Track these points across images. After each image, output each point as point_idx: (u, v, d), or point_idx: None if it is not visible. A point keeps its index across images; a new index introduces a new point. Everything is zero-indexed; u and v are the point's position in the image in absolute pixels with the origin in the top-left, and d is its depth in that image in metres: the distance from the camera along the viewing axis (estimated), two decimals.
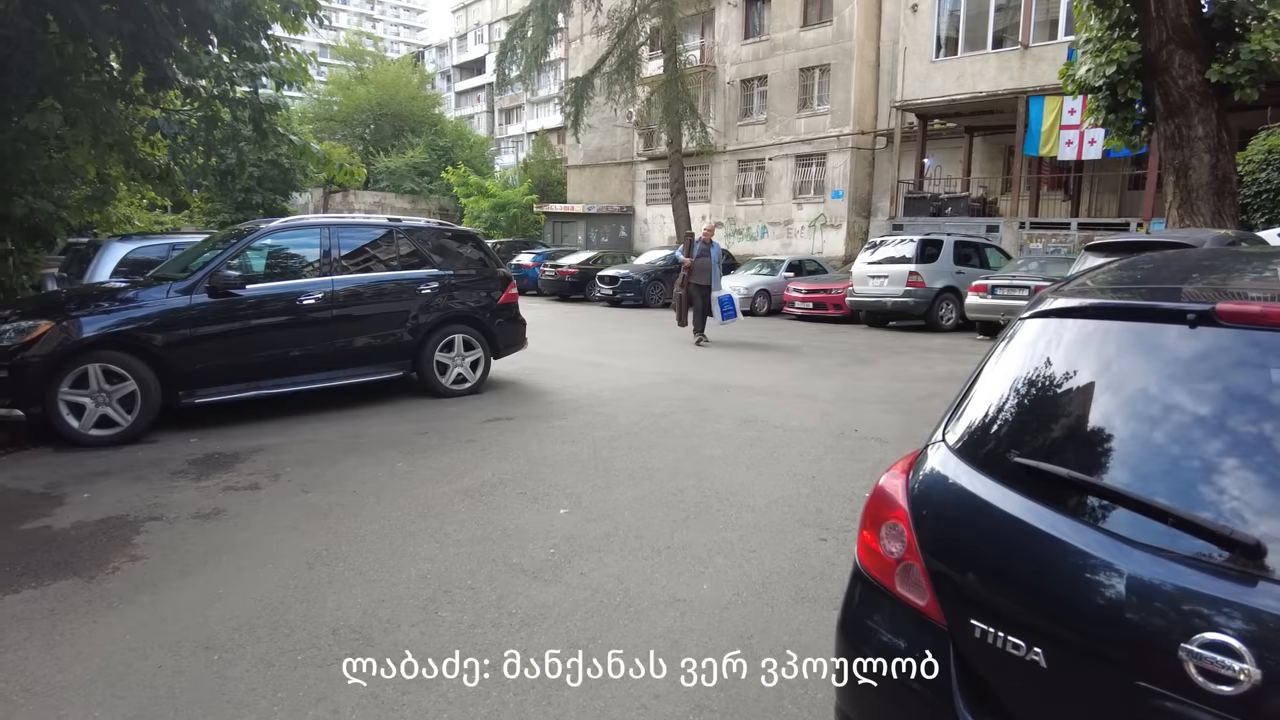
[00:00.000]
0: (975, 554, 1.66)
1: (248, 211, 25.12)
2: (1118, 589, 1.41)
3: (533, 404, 7.53)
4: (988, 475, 1.71)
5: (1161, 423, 1.59)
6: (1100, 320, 1.81)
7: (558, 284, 21.60)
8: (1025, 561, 1.55)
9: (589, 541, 4.01)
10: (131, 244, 8.73)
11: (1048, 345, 1.88)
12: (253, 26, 9.21)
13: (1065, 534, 1.51)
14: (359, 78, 47.06)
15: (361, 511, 4.49)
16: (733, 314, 12.17)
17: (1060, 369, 1.82)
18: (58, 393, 5.76)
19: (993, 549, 1.63)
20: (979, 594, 1.62)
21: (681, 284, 12.41)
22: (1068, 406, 1.76)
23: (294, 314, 6.76)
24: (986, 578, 1.63)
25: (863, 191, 24.77)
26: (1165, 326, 1.65)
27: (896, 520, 1.83)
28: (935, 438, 1.97)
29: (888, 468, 2.09)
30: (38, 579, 3.61)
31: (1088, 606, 1.43)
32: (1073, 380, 1.78)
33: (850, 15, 23.94)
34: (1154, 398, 1.62)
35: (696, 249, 12.11)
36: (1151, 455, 1.56)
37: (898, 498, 1.87)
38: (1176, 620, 1.33)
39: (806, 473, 5.25)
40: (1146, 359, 1.68)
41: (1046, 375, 1.83)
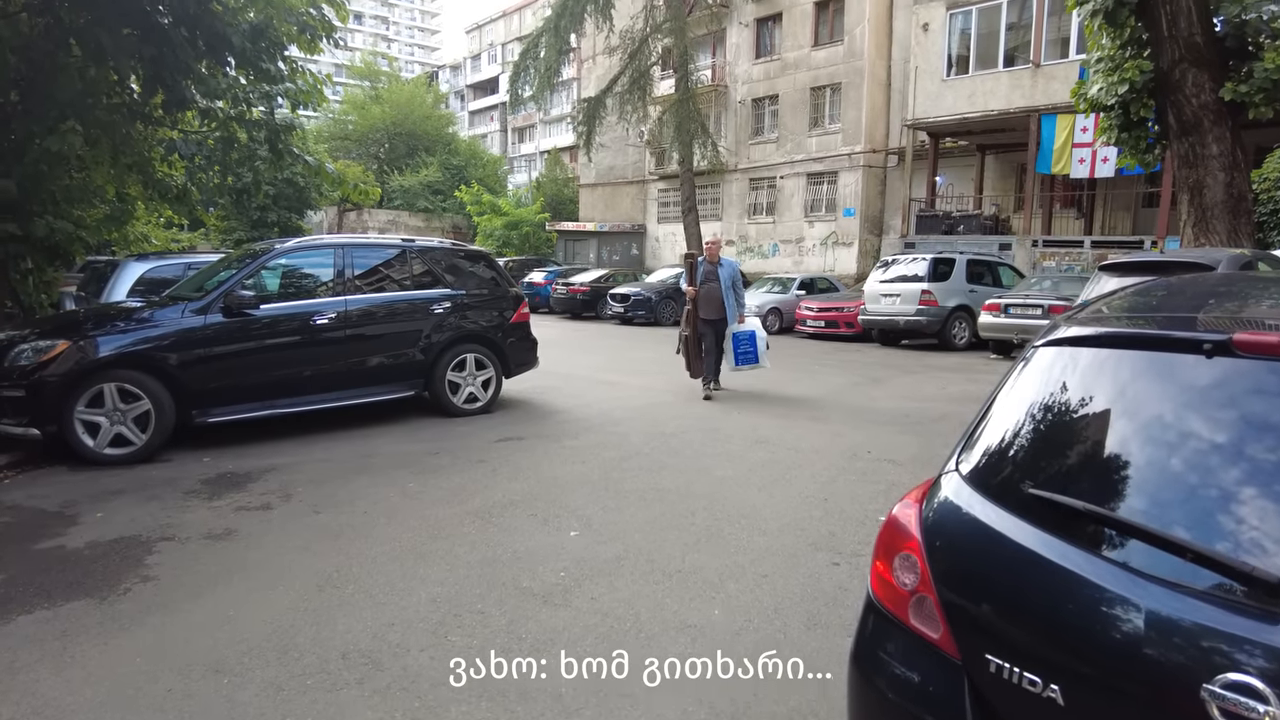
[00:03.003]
0: (989, 587, 1.64)
1: (263, 230, 25.39)
2: (1136, 625, 1.39)
3: (544, 423, 7.53)
4: (1001, 506, 1.69)
5: (1178, 454, 1.57)
6: (1115, 349, 1.79)
7: (569, 302, 21.66)
8: (1040, 595, 1.53)
9: (599, 565, 3.99)
10: (148, 263, 8.83)
11: (1062, 374, 1.87)
12: (269, 48, 9.35)
13: (1080, 567, 1.49)
14: (374, 97, 47.61)
15: (372, 532, 4.49)
16: (753, 357, 8.90)
17: (1075, 398, 1.80)
18: (74, 412, 5.81)
19: (1007, 582, 1.60)
20: (994, 627, 1.60)
21: (687, 321, 8.99)
22: (1082, 436, 1.74)
23: (308, 334, 6.80)
24: (1001, 611, 1.60)
25: (874, 209, 24.77)
26: (1181, 356, 1.63)
27: (910, 551, 1.81)
28: (949, 466, 1.95)
29: (901, 496, 2.07)
30: (50, 599, 3.62)
31: (1105, 643, 1.41)
32: (1087, 410, 1.76)
33: (861, 34, 24.05)
34: (1170, 428, 1.60)
35: (701, 272, 8.89)
36: (1168, 487, 1.53)
37: (911, 528, 1.85)
38: (1197, 659, 1.30)
39: (819, 495, 5.21)
40: (1162, 389, 1.66)
41: (1061, 404, 1.81)
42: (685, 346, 9.12)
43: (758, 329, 9.03)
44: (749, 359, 8.89)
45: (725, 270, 8.94)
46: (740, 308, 8.94)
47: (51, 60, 8.88)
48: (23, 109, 9.15)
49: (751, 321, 9.11)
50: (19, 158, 9.02)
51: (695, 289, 8.86)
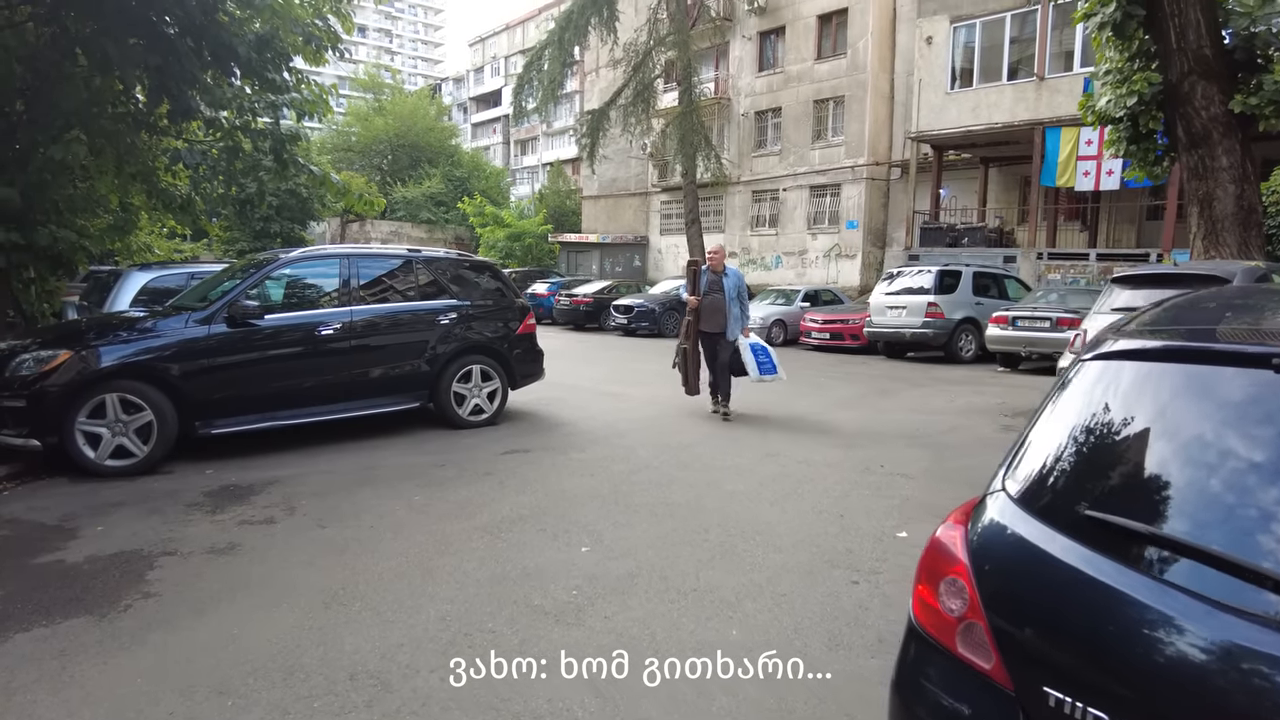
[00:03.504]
0: (1046, 615, 1.55)
1: (266, 240, 25.36)
2: (1208, 656, 1.30)
3: (550, 435, 7.44)
4: (1055, 528, 1.60)
5: (1246, 474, 1.48)
6: (1173, 363, 1.71)
7: (572, 313, 21.61)
8: (1104, 624, 1.44)
9: (612, 582, 3.89)
10: (151, 273, 8.77)
11: (1113, 389, 1.78)
12: (275, 59, 9.32)
13: (1146, 595, 1.40)
14: (377, 109, 47.75)
15: (378, 547, 4.39)
16: (772, 368, 8.36)
17: (1128, 414, 1.71)
18: (75, 422, 5.72)
19: (1066, 610, 1.51)
20: (1052, 658, 1.51)
21: (686, 334, 8.46)
22: (1139, 455, 1.65)
23: (312, 344, 6.72)
24: (1060, 641, 1.51)
25: (877, 222, 24.74)
26: (1247, 371, 1.55)
27: (956, 575, 1.71)
28: (994, 486, 1.86)
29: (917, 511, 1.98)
30: (49, 616, 3.53)
31: (1177, 676, 1.32)
32: (1143, 426, 1.67)
33: (864, 48, 24.09)
34: (1236, 447, 1.52)
35: (704, 282, 8.31)
36: (1240, 509, 1.45)
37: (956, 551, 1.75)
38: (1276, 693, 1.21)
39: (833, 510, 5.11)
40: (1227, 405, 1.57)
41: (1113, 420, 1.72)
42: (683, 360, 8.55)
43: (763, 342, 8.68)
44: (769, 369, 8.38)
45: (730, 280, 8.32)
46: (744, 320, 8.41)
47: (57, 69, 8.85)
48: (28, 118, 9.10)
49: (753, 336, 8.63)
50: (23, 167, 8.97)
51: (698, 299, 8.28)
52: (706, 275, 8.36)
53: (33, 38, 8.72)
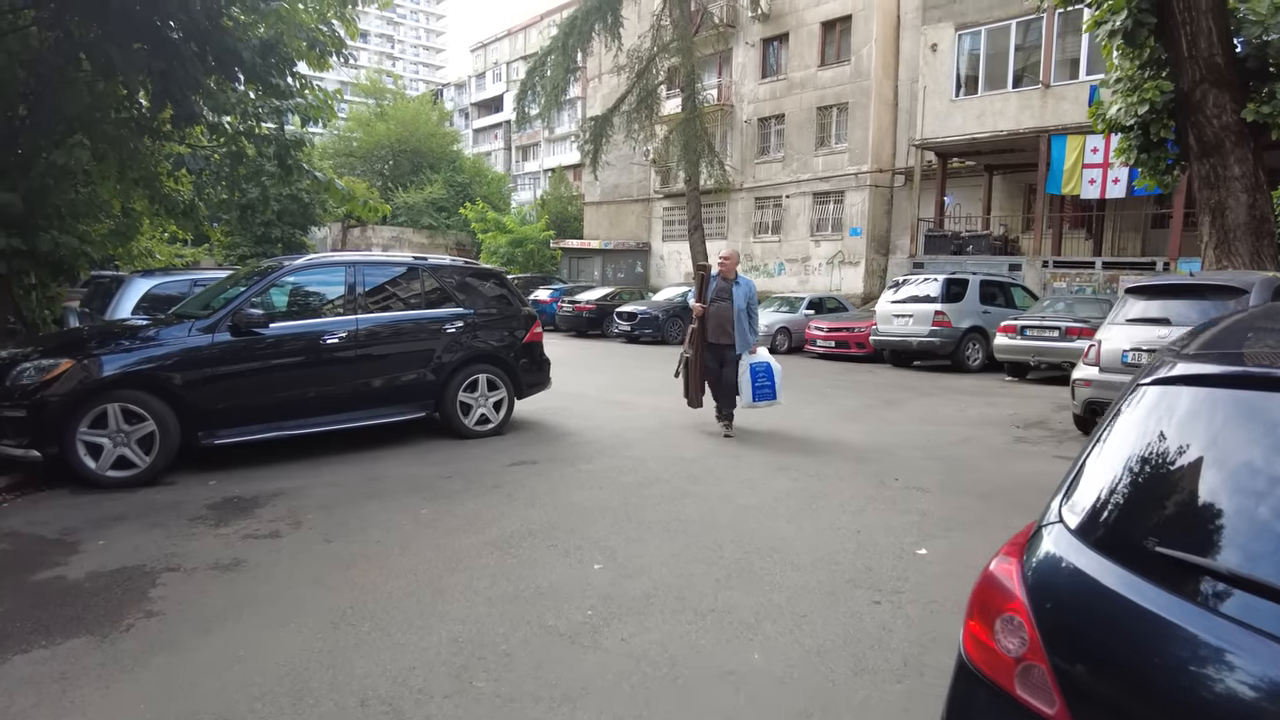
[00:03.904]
0: (1116, 659, 1.45)
1: (267, 246, 25.28)
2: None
3: (557, 446, 7.34)
4: (1121, 564, 1.50)
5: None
6: (1239, 390, 1.61)
7: (575, 320, 21.53)
8: (1181, 672, 1.34)
9: (627, 602, 3.78)
10: (154, 279, 8.68)
11: (1174, 416, 1.68)
12: (279, 64, 9.25)
13: (1230, 642, 1.31)
14: (379, 114, 47.76)
15: (387, 563, 4.29)
16: (771, 393, 7.79)
17: (1193, 443, 1.62)
18: (76, 433, 5.62)
19: (1138, 654, 1.41)
20: (1122, 706, 1.41)
21: (690, 342, 7.95)
22: (1210, 486, 1.56)
23: (317, 353, 6.63)
24: (1131, 688, 1.41)
25: (881, 229, 24.69)
26: None
27: (1013, 613, 1.61)
28: (1050, 516, 1.77)
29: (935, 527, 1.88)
30: (49, 636, 3.42)
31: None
32: (1212, 456, 1.57)
33: (868, 55, 24.07)
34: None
35: (713, 288, 7.82)
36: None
37: (1012, 587, 1.65)
38: None
39: (850, 526, 5.01)
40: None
41: (1178, 449, 1.63)
42: (685, 370, 8.03)
43: (772, 360, 7.95)
44: (766, 394, 7.80)
45: (741, 290, 7.76)
46: (754, 334, 7.80)
47: (60, 74, 8.78)
48: (30, 123, 9.02)
49: (762, 352, 7.97)
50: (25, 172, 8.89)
51: (704, 306, 7.77)
52: (716, 282, 7.87)
53: (36, 42, 8.65)
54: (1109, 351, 7.49)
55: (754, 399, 7.77)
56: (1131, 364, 7.27)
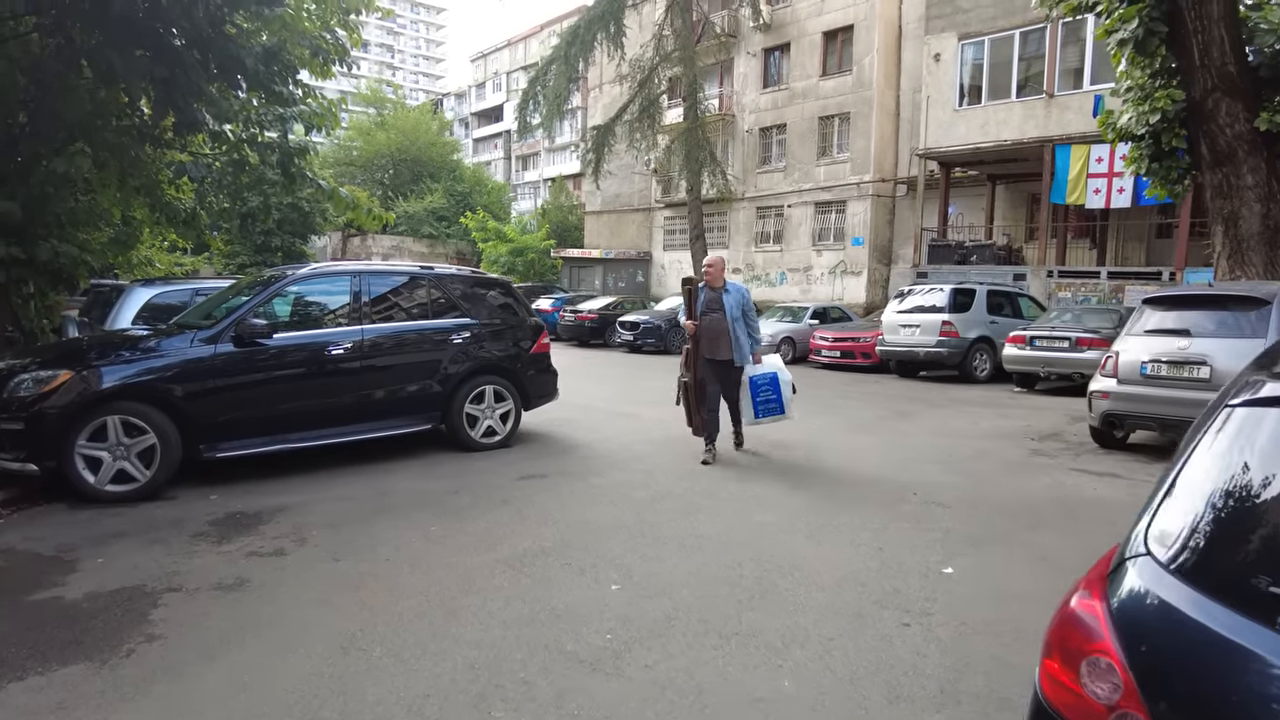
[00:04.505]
0: (1226, 710, 1.31)
1: (267, 254, 25.18)
2: None
3: (566, 459, 7.19)
4: (1228, 605, 1.37)
5: None
6: None
7: (577, 329, 21.41)
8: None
9: (648, 625, 3.64)
10: (154, 288, 8.55)
11: (1270, 439, 1.56)
12: (282, 71, 9.16)
13: None
14: (379, 124, 47.76)
15: (397, 583, 4.14)
16: (777, 406, 7.16)
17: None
18: (75, 446, 5.47)
19: (1253, 707, 1.28)
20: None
21: (686, 361, 7.24)
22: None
23: (322, 364, 6.49)
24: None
25: (883, 239, 24.61)
26: None
27: (1102, 655, 1.48)
28: (1134, 548, 1.63)
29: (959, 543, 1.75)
30: (45, 662, 3.27)
31: None
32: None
33: (870, 65, 24.05)
34: None
35: (702, 301, 7.08)
36: None
37: (1098, 626, 1.52)
38: None
39: (872, 543, 4.87)
40: None
41: None
42: (684, 396, 7.27)
43: (780, 369, 7.27)
44: (772, 409, 7.12)
45: (732, 297, 7.04)
46: (754, 343, 7.19)
47: (61, 81, 8.67)
48: (30, 130, 8.91)
49: (770, 360, 7.34)
50: (25, 179, 8.77)
51: (695, 322, 7.01)
52: (704, 293, 7.14)
53: (37, 49, 8.54)
54: (1127, 363, 7.36)
55: (757, 414, 7.13)
56: (1151, 376, 7.15)
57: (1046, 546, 4.86)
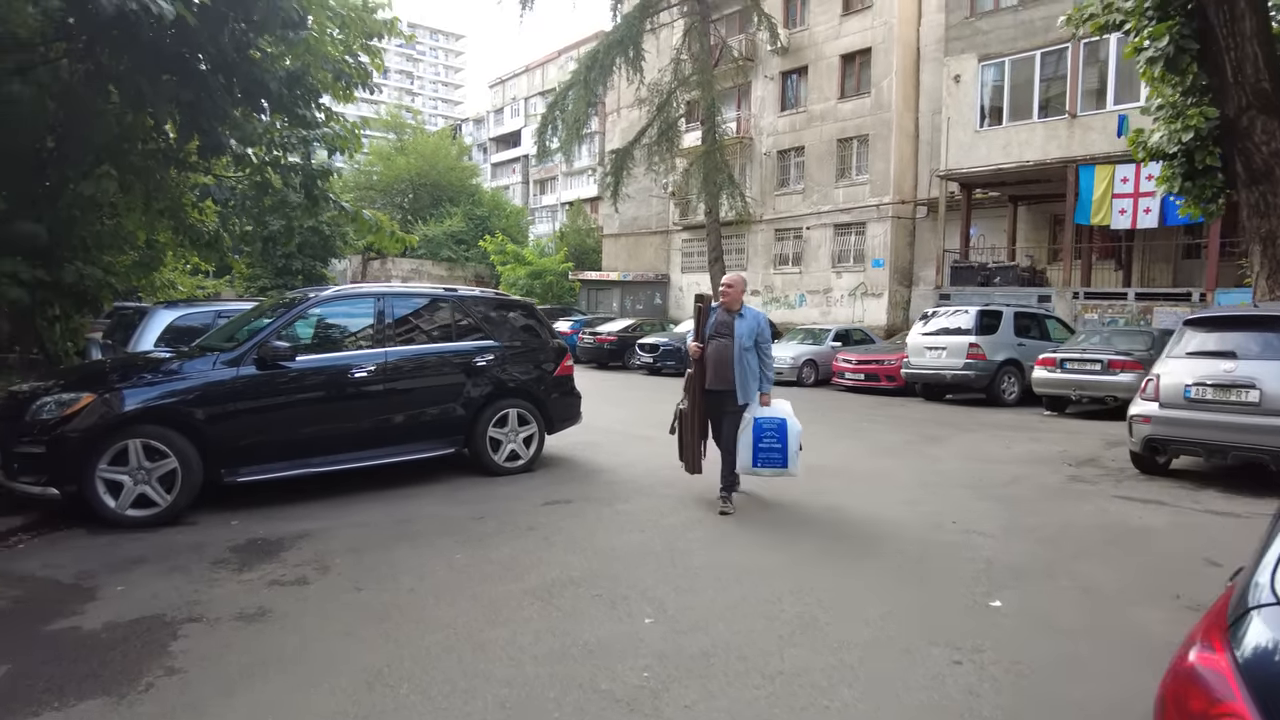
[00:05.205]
0: None
1: (288, 277, 25.35)
2: None
3: (590, 484, 7.05)
4: None
5: None
6: None
7: (596, 351, 21.33)
8: None
9: (685, 663, 3.47)
10: (177, 311, 8.52)
11: None
12: (305, 95, 9.20)
13: None
14: (399, 148, 48.29)
15: (422, 615, 4.00)
16: (779, 458, 6.10)
17: None
18: (95, 470, 5.38)
19: None
20: None
21: (687, 388, 6.46)
22: None
23: (345, 387, 6.39)
24: None
25: (904, 260, 24.44)
26: None
27: (1231, 717, 1.32)
28: (1260, 596, 1.46)
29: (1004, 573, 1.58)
30: (62, 697, 3.15)
31: None
32: None
33: (888, 87, 24.02)
34: None
35: (712, 323, 6.26)
36: None
37: (1226, 685, 1.36)
38: None
39: (912, 574, 4.68)
40: None
41: None
42: (680, 425, 6.57)
43: (789, 417, 6.18)
44: (773, 460, 6.10)
45: (746, 323, 6.11)
46: (765, 380, 6.20)
47: (89, 105, 8.73)
48: (59, 154, 8.98)
49: (780, 405, 6.26)
50: (53, 203, 8.82)
51: (699, 346, 6.23)
52: (716, 314, 6.32)
53: (66, 74, 8.62)
54: (1170, 386, 7.13)
55: (755, 463, 6.12)
56: (1196, 399, 6.92)
57: (1095, 577, 4.65)
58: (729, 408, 6.14)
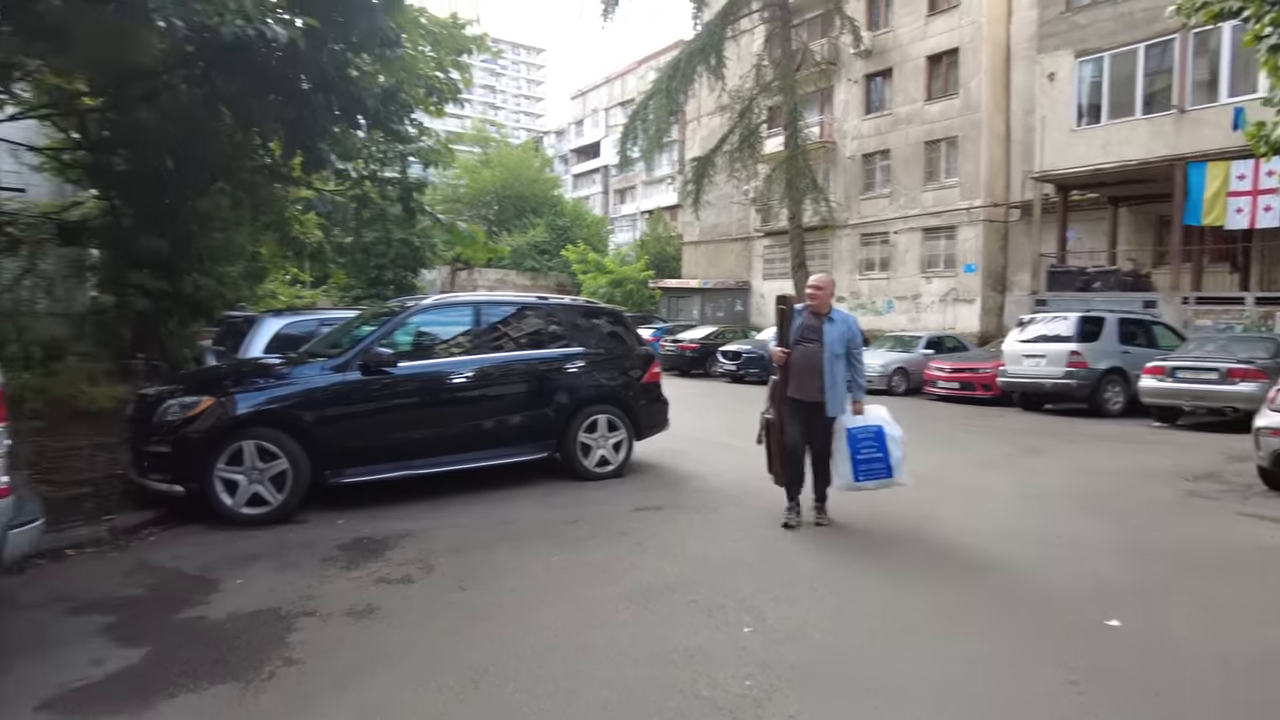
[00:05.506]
0: None
1: (380, 287, 26.32)
2: None
3: (680, 492, 7.05)
4: None
5: None
6: None
7: (678, 359, 21.35)
8: None
9: (787, 672, 3.42)
10: (284, 319, 8.94)
11: None
12: (398, 110, 9.55)
13: None
14: (484, 162, 49.60)
15: (524, 616, 4.07)
16: (883, 469, 5.68)
17: None
18: (214, 469, 5.69)
19: None
20: None
21: (772, 396, 5.98)
22: None
23: (444, 393, 6.60)
24: None
25: (996, 265, 23.62)
26: None
27: None
28: None
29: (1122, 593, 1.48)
30: (195, 681, 3.34)
31: None
32: None
33: (978, 88, 23.33)
34: None
35: (797, 327, 5.83)
36: None
37: None
38: None
39: (1019, 590, 4.50)
40: None
41: None
42: (767, 435, 6.05)
43: (887, 422, 5.79)
44: (875, 471, 5.67)
45: (836, 328, 5.72)
46: (857, 388, 5.83)
47: (205, 127, 9.28)
48: (178, 173, 9.59)
49: (874, 411, 5.87)
50: (174, 219, 9.43)
51: (785, 352, 5.81)
52: (802, 318, 5.86)
53: (184, 99, 9.19)
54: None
55: (856, 477, 5.67)
56: None
57: (1221, 597, 4.38)
58: (817, 420, 5.74)
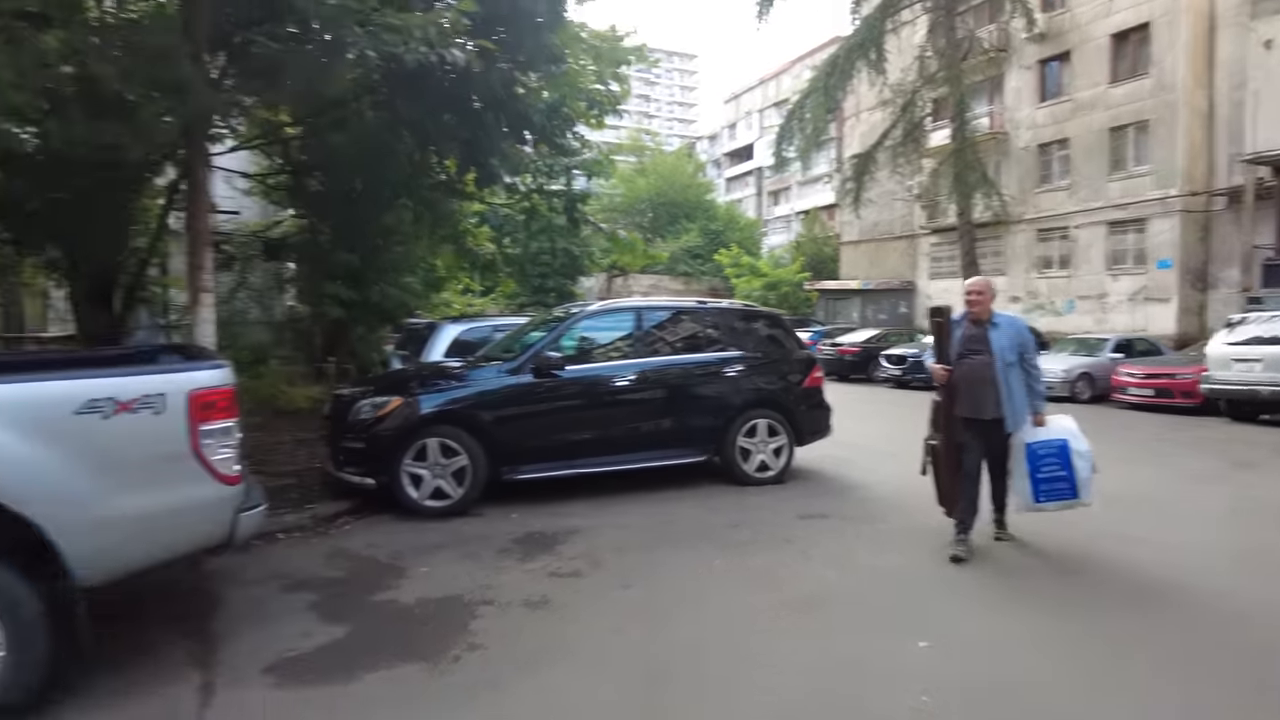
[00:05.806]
0: None
1: (542, 295, 27.43)
2: None
3: (844, 500, 6.87)
4: None
5: None
6: None
7: (837, 363, 20.75)
8: None
9: (964, 692, 3.26)
10: (461, 326, 9.56)
11: None
12: (561, 125, 9.90)
13: None
14: (639, 170, 50.62)
15: (686, 616, 4.12)
16: (1068, 488, 5.15)
17: None
18: (401, 464, 6.16)
19: None
20: None
21: (935, 419, 5.51)
22: None
23: (609, 395, 6.83)
24: None
25: (1196, 260, 21.29)
26: None
27: None
28: None
29: None
30: (389, 659, 3.62)
31: None
32: None
33: (1173, 64, 21.13)
34: None
35: (958, 340, 5.27)
36: None
37: None
38: None
39: (1243, 625, 4.03)
40: None
41: None
42: (934, 462, 5.51)
43: (1072, 435, 5.23)
44: (1059, 491, 5.16)
45: (1003, 334, 5.16)
46: (1037, 398, 5.25)
47: (388, 148, 10.06)
48: (364, 193, 10.46)
49: (1058, 422, 5.31)
50: (362, 235, 10.30)
51: (947, 369, 5.25)
52: (962, 328, 5.30)
53: (371, 123, 9.99)
54: None
55: (1037, 497, 5.17)
56: None
57: None
58: (995, 439, 5.18)
